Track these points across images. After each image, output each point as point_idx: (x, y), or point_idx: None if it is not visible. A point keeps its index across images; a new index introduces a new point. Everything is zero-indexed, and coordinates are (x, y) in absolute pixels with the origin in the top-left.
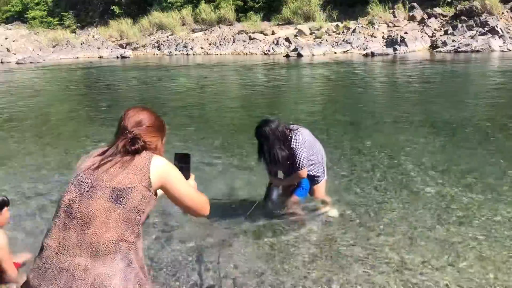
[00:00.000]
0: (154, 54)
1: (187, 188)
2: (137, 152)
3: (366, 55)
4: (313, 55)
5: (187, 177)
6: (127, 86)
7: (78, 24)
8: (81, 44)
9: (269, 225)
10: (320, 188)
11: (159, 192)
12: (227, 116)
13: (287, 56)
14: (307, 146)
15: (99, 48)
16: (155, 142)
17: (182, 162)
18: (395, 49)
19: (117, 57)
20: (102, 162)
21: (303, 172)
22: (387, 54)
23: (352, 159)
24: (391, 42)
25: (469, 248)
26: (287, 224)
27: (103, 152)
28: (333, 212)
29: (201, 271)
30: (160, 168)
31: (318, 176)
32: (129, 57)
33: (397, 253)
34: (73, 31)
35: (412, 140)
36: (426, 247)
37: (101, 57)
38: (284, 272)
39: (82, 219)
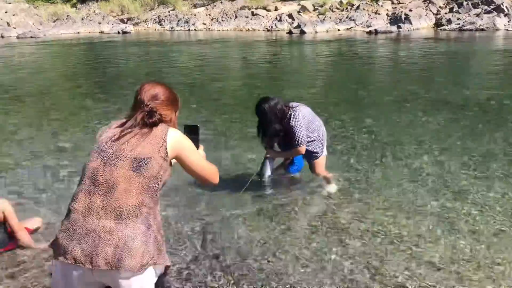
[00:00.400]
0: (155, 30)
1: (199, 158)
2: (155, 124)
3: (369, 32)
4: (316, 32)
5: (196, 147)
6: (128, 61)
7: None
8: (81, 19)
9: (268, 199)
10: (320, 164)
11: (173, 161)
12: (228, 93)
13: (290, 33)
14: (306, 123)
15: (100, 23)
16: (169, 114)
17: (191, 134)
18: (399, 27)
19: (118, 33)
20: (123, 133)
21: (302, 149)
22: (391, 32)
23: (352, 136)
24: (395, 20)
25: (463, 222)
26: (286, 198)
27: (122, 124)
28: (333, 187)
29: (205, 242)
30: (175, 139)
31: (317, 152)
32: (130, 33)
33: (394, 226)
34: (74, 6)
35: (412, 119)
36: (422, 221)
37: (102, 32)
38: (285, 242)
39: (106, 185)
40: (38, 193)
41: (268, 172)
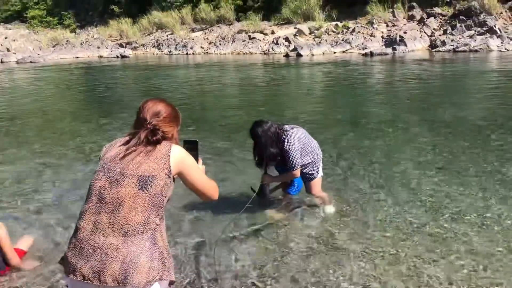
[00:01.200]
0: (154, 54)
1: (200, 175)
2: (158, 142)
3: (365, 54)
4: (312, 54)
5: (196, 161)
6: (127, 85)
7: (78, 24)
8: (81, 44)
9: (265, 220)
10: (316, 185)
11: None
12: (226, 115)
13: (286, 55)
14: (300, 146)
15: (99, 48)
16: (171, 131)
17: (191, 149)
18: (394, 49)
19: (117, 57)
20: (128, 152)
21: (297, 172)
22: (386, 54)
23: (349, 157)
24: (390, 42)
25: (460, 242)
26: (285, 219)
27: (126, 142)
28: (330, 208)
29: (202, 265)
30: (179, 156)
31: (312, 174)
32: (129, 57)
33: (392, 247)
34: (73, 31)
35: (409, 139)
36: (420, 242)
37: (101, 56)
38: (284, 264)
39: (113, 204)
40: (30, 212)
41: (266, 192)
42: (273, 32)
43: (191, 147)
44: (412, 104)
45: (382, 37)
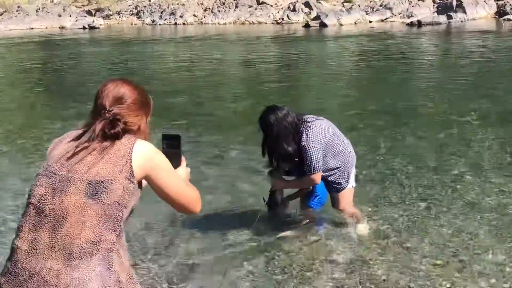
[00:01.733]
0: (132, 24)
1: (175, 179)
2: (117, 136)
3: (411, 24)
4: (340, 24)
5: (177, 163)
6: (94, 66)
7: None
8: (36, 11)
9: (279, 242)
10: (345, 198)
11: (144, 183)
12: (227, 105)
13: (306, 26)
14: (324, 144)
15: (60, 16)
16: (138, 122)
17: (171, 146)
18: (449, 17)
19: (84, 28)
20: (77, 149)
21: (316, 177)
22: (439, 23)
23: (389, 160)
24: (444, 8)
25: None
26: (303, 242)
27: (78, 137)
28: (363, 228)
29: None
30: (144, 155)
31: (340, 183)
32: (99, 28)
33: (445, 280)
34: None
35: (468, 138)
36: (483, 272)
37: (62, 27)
38: None
39: (54, 217)
40: None
41: (278, 202)
42: None
43: (172, 143)
44: (472, 91)
45: (434, 1)
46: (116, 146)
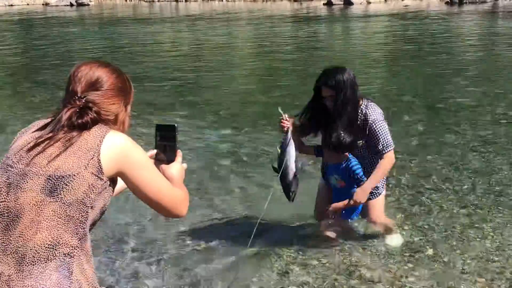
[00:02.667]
0: (126, 0)
1: (156, 177)
2: (85, 126)
3: (450, 2)
4: (368, 2)
5: (172, 157)
6: (84, 49)
7: None
8: None
9: (297, 254)
10: (379, 206)
11: (120, 183)
12: (234, 97)
13: (328, 3)
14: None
15: None
16: (114, 111)
17: (166, 138)
18: None
19: (71, 5)
20: (39, 140)
21: (393, 154)
22: (484, 2)
23: (424, 161)
24: None
25: None
26: (324, 254)
27: (43, 126)
28: (394, 239)
29: None
30: (116, 148)
31: (377, 188)
32: (89, 5)
33: None
34: None
35: None
36: None
37: (46, 3)
38: None
39: (8, 216)
40: None
41: (292, 167)
42: None
43: (167, 135)
44: None
45: None
46: (83, 137)
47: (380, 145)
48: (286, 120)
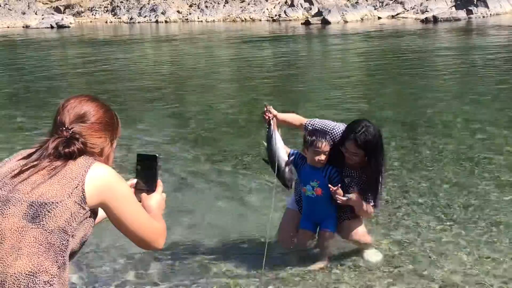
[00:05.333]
0: (107, 22)
1: (137, 210)
2: (71, 156)
3: (425, 20)
4: (345, 21)
5: (152, 187)
6: (64, 71)
7: None
8: None
9: (276, 270)
10: (356, 224)
11: (101, 213)
12: (218, 115)
13: (306, 23)
14: None
15: (24, 14)
16: (100, 144)
17: (147, 167)
18: (469, 12)
19: (51, 27)
20: (25, 167)
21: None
22: (458, 19)
23: (402, 175)
24: (463, 1)
25: None
26: (303, 270)
27: (29, 155)
28: (373, 254)
29: None
30: (101, 179)
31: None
32: (69, 27)
33: None
34: None
35: (493, 149)
36: None
37: (27, 26)
38: None
39: None
40: None
41: (281, 155)
42: None
43: (148, 164)
44: (499, 97)
45: None
46: (68, 167)
47: (370, 197)
48: (269, 111)
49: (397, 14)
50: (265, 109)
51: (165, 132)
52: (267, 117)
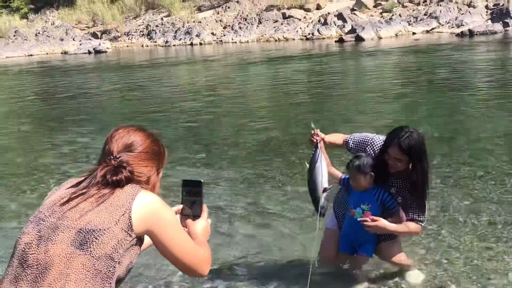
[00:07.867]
0: (143, 46)
1: (182, 237)
2: (119, 184)
3: (461, 34)
4: (379, 38)
5: (198, 212)
6: (103, 95)
7: (32, 6)
8: (36, 35)
9: None
10: (395, 245)
11: (147, 239)
12: (252, 136)
13: (340, 40)
14: None
15: (62, 40)
16: (147, 173)
17: (192, 193)
18: (505, 24)
19: (89, 52)
20: (73, 195)
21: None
22: (494, 33)
23: (443, 192)
24: (499, 14)
25: None
26: None
27: (78, 183)
28: (414, 275)
29: None
30: (148, 207)
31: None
32: (106, 52)
33: None
34: (25, 17)
35: None
36: None
37: (65, 52)
38: None
39: (37, 268)
40: None
41: (321, 181)
42: (318, 7)
43: (193, 190)
44: None
45: (487, 7)
46: (116, 194)
47: (415, 212)
48: (317, 134)
49: (432, 29)
50: (313, 132)
51: (201, 155)
52: (314, 141)
